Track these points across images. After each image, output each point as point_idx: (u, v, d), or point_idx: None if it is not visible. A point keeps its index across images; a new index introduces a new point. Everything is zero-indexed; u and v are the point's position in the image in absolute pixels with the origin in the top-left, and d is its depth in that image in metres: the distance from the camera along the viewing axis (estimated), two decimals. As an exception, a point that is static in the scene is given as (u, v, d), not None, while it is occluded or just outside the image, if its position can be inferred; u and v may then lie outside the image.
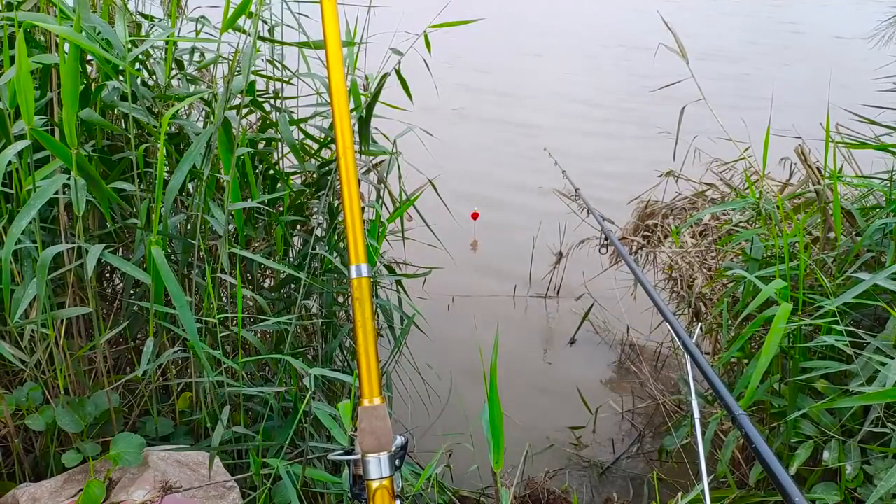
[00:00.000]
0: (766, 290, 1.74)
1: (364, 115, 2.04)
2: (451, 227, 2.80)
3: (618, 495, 2.35)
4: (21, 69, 1.30)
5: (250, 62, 1.66)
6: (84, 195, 1.44)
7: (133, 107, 1.65)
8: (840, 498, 1.62)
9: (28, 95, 1.33)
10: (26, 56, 1.30)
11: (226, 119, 1.62)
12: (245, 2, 1.60)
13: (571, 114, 6.96)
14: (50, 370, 1.61)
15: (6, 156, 1.38)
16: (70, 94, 1.36)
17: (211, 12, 2.10)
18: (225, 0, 1.65)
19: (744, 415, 1.05)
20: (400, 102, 2.16)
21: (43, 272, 1.40)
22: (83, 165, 1.43)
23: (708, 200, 2.80)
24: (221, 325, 1.73)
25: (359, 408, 0.99)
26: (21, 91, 1.32)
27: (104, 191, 1.51)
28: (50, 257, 1.42)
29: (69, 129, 1.36)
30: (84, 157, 1.43)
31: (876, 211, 2.08)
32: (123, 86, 1.66)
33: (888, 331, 1.68)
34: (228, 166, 1.67)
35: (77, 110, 1.42)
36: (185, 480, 1.50)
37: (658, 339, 3.20)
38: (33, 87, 1.36)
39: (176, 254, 1.81)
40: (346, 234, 1.03)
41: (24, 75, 1.31)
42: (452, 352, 2.97)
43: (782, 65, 9.16)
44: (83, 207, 1.44)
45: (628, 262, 1.83)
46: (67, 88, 1.36)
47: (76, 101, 1.39)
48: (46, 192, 1.41)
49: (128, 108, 1.64)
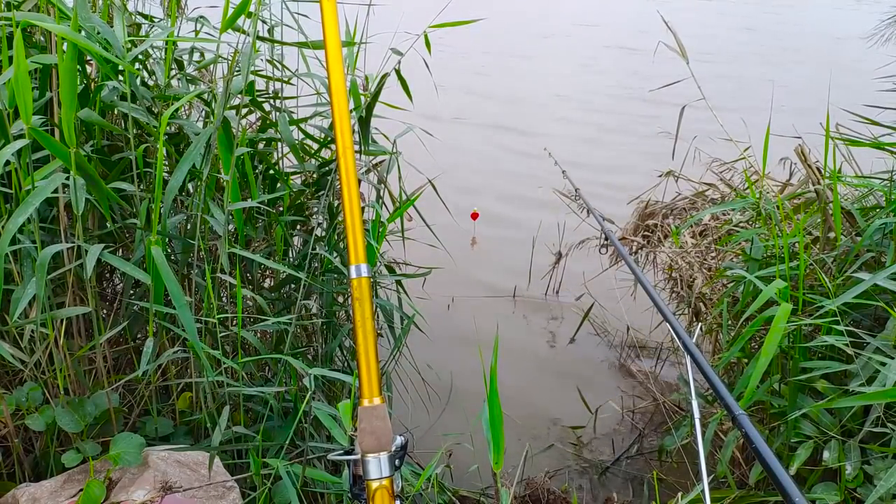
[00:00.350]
0: (767, 291, 1.74)
1: (364, 115, 2.04)
2: (451, 226, 2.80)
3: (618, 495, 2.35)
4: (19, 69, 1.30)
5: (249, 62, 1.66)
6: (83, 195, 1.44)
7: (132, 107, 1.65)
8: (840, 498, 1.62)
9: (26, 95, 1.33)
10: (24, 56, 1.30)
11: (225, 119, 1.62)
12: (244, 2, 1.60)
13: (571, 114, 6.97)
14: (50, 370, 1.60)
15: (4, 154, 1.38)
16: (68, 93, 1.36)
17: (210, 12, 2.10)
18: (224, 0, 1.65)
19: (744, 415, 1.05)
20: (399, 102, 2.16)
21: (42, 271, 1.40)
22: (82, 165, 1.43)
23: (708, 200, 2.80)
24: (221, 325, 1.73)
25: (359, 408, 0.99)
26: (19, 91, 1.32)
27: (104, 190, 1.51)
28: (49, 256, 1.42)
29: (68, 128, 1.36)
30: (83, 157, 1.43)
31: (876, 211, 2.08)
32: (122, 86, 1.66)
33: (888, 331, 1.68)
34: (228, 166, 1.67)
35: (76, 110, 1.42)
36: (185, 480, 1.50)
37: (658, 339, 3.20)
38: (31, 87, 1.37)
39: (176, 254, 1.81)
40: (345, 234, 1.03)
41: (22, 75, 1.31)
42: (452, 352, 2.97)
43: (782, 65, 9.16)
44: (82, 207, 1.44)
45: (628, 262, 1.83)
46: (66, 88, 1.36)
47: (74, 100, 1.39)
48: (44, 191, 1.41)
49: (127, 108, 1.64)
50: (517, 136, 6.12)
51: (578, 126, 6.53)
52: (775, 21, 13.08)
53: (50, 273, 1.49)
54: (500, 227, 4.36)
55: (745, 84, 7.86)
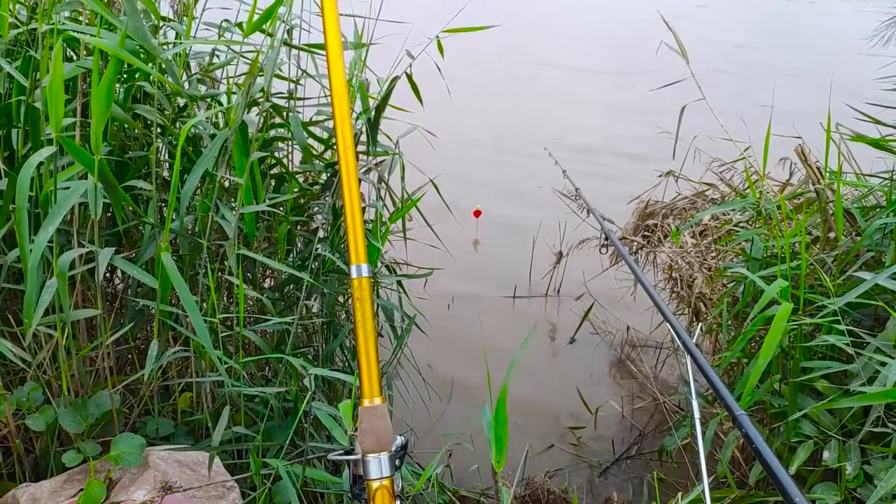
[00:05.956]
0: (770, 290, 1.74)
1: (373, 118, 2.02)
2: (452, 226, 2.80)
3: (618, 495, 2.35)
4: (55, 78, 1.31)
5: (274, 65, 1.65)
6: (101, 200, 1.45)
7: (151, 109, 1.66)
8: (840, 498, 1.62)
9: (59, 103, 1.34)
10: (62, 65, 1.31)
11: (243, 122, 1.62)
12: (271, 8, 1.61)
13: (572, 113, 6.97)
14: (52, 370, 1.60)
15: (32, 162, 1.39)
16: (102, 104, 1.36)
17: (219, 14, 2.08)
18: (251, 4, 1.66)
19: (744, 415, 1.05)
20: (401, 103, 2.15)
21: (63, 279, 1.40)
22: (104, 172, 1.43)
23: (708, 200, 2.80)
24: (223, 324, 1.73)
25: (359, 407, 0.99)
26: (52, 99, 1.33)
27: (120, 195, 1.51)
28: (68, 263, 1.42)
29: (96, 137, 1.37)
30: (105, 164, 1.43)
31: (876, 211, 2.08)
32: (151, 88, 1.67)
33: (888, 330, 1.68)
34: (242, 170, 1.66)
35: (107, 117, 1.42)
36: (185, 480, 1.50)
37: (658, 339, 3.20)
38: (64, 95, 1.37)
39: (182, 255, 1.81)
40: (346, 235, 1.04)
41: (57, 84, 1.33)
42: (453, 352, 2.97)
43: (782, 65, 9.16)
44: (100, 212, 1.44)
45: (628, 262, 1.83)
46: (100, 99, 1.36)
47: (108, 112, 1.39)
48: (70, 200, 1.41)
49: (146, 110, 1.64)
50: (517, 136, 6.12)
51: (579, 125, 6.52)
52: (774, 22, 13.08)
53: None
54: (500, 226, 4.36)
55: (746, 83, 7.85)
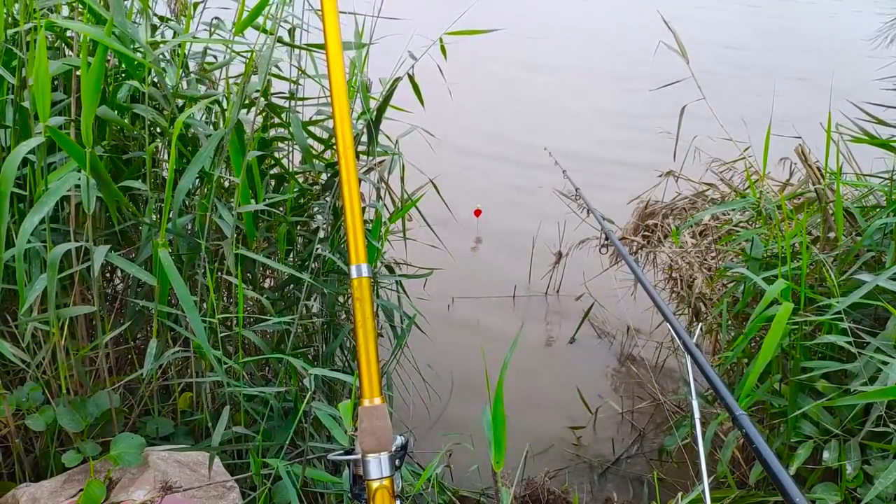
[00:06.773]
0: (771, 291, 1.74)
1: (374, 119, 2.02)
2: (453, 226, 2.80)
3: (618, 495, 2.35)
4: (40, 68, 1.32)
5: (268, 63, 1.65)
6: (94, 195, 1.45)
7: (147, 108, 1.66)
8: (840, 498, 1.61)
9: (45, 95, 1.34)
10: (45, 57, 1.32)
11: (239, 122, 1.62)
12: (258, 6, 1.61)
13: (571, 113, 6.96)
14: (52, 370, 1.60)
15: (19, 152, 1.39)
16: (91, 95, 1.37)
17: (218, 13, 2.08)
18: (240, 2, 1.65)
19: (744, 415, 1.05)
20: (401, 103, 2.15)
21: (53, 271, 1.40)
22: (95, 166, 1.43)
23: (708, 200, 2.80)
24: (222, 324, 1.73)
25: (359, 407, 0.99)
26: (38, 91, 1.34)
27: (113, 192, 1.51)
28: (59, 256, 1.42)
29: (86, 129, 1.37)
30: (97, 158, 1.43)
31: (876, 211, 2.08)
32: (142, 86, 1.67)
33: (889, 330, 1.68)
34: (239, 169, 1.66)
35: (95, 110, 1.42)
36: (185, 480, 1.50)
37: (658, 339, 3.20)
38: (51, 87, 1.38)
39: (181, 254, 1.81)
40: (346, 235, 1.03)
41: (43, 75, 1.33)
42: (452, 352, 2.96)
43: (782, 65, 9.16)
44: (93, 207, 1.44)
45: (628, 262, 1.83)
46: (89, 89, 1.36)
47: (97, 102, 1.39)
48: (59, 191, 1.41)
49: (144, 110, 1.64)
50: (517, 136, 6.11)
51: (578, 125, 6.52)
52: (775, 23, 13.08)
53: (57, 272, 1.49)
54: (500, 226, 4.36)
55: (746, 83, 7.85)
